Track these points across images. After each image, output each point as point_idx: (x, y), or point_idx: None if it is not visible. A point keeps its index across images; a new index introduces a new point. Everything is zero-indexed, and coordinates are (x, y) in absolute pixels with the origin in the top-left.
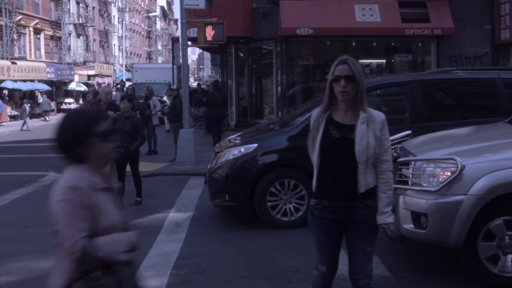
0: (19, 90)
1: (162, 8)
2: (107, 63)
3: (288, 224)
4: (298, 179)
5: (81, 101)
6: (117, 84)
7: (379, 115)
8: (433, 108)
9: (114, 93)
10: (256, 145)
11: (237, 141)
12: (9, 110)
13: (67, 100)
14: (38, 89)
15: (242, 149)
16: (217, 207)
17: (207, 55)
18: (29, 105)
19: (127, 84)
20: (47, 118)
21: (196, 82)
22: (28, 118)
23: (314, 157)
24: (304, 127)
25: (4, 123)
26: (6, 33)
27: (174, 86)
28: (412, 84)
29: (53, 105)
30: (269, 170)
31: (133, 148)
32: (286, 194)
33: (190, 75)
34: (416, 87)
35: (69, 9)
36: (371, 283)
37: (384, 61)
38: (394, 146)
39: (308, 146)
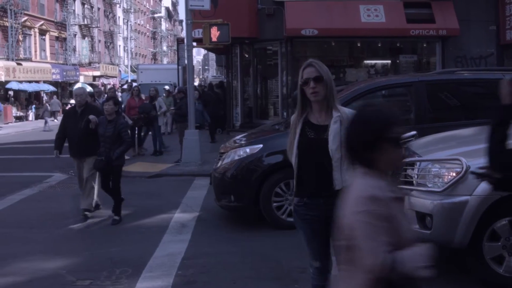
0: (24, 91)
1: (167, 9)
2: (112, 64)
3: (294, 224)
4: None
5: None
6: (123, 85)
7: (352, 113)
8: (438, 108)
9: (120, 94)
10: (261, 145)
11: (243, 142)
12: (14, 111)
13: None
14: (43, 90)
15: (248, 150)
16: (222, 207)
17: (212, 56)
18: (34, 106)
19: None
20: (55, 119)
21: (197, 83)
22: (48, 117)
23: (293, 158)
24: None
25: (10, 124)
26: (11, 34)
27: (167, 87)
28: (417, 85)
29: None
30: (275, 170)
31: (116, 155)
32: (291, 195)
33: (195, 76)
34: (421, 88)
35: (74, 10)
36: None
37: (389, 61)
38: None
39: (287, 149)
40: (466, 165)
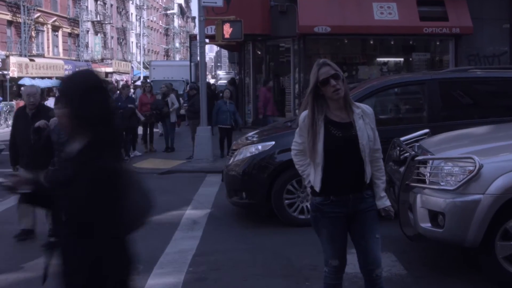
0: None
1: (179, 5)
2: (125, 61)
3: (306, 222)
4: None
5: None
6: (135, 81)
7: (369, 109)
8: (450, 107)
9: (132, 90)
10: (273, 142)
11: (255, 139)
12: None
13: None
14: (56, 86)
15: (260, 147)
16: (234, 204)
17: (224, 52)
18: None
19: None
20: None
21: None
22: None
23: (318, 159)
24: None
25: None
26: (24, 30)
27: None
28: (429, 83)
29: None
30: (287, 168)
31: None
32: (303, 192)
33: (207, 73)
34: (434, 86)
35: (87, 7)
36: (382, 273)
37: (402, 59)
38: (411, 145)
39: (308, 150)
40: (479, 163)
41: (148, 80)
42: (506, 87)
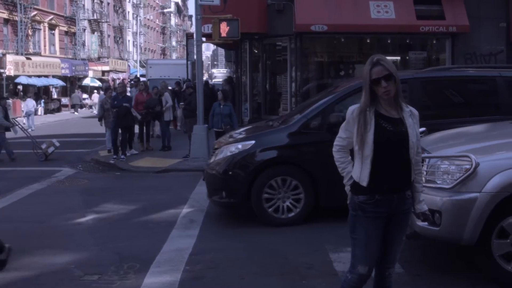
0: (33, 86)
1: (176, 4)
2: (122, 59)
3: (285, 221)
4: (295, 177)
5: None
6: (131, 80)
7: (415, 111)
8: (433, 106)
9: (129, 88)
10: (253, 142)
11: (237, 137)
12: (23, 106)
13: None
14: (52, 85)
15: (240, 146)
16: (214, 204)
17: (221, 51)
18: (43, 100)
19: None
20: (76, 112)
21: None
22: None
23: (368, 151)
24: (303, 124)
25: (18, 118)
26: (21, 28)
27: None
28: (412, 82)
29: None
30: (267, 167)
31: None
32: (281, 193)
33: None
34: (416, 85)
35: (83, 5)
36: (394, 271)
37: (398, 58)
38: None
39: (357, 141)
40: (476, 162)
41: (144, 79)
42: (488, 86)
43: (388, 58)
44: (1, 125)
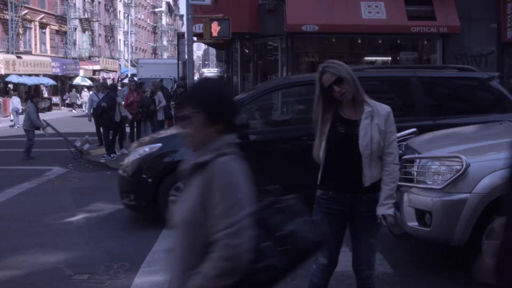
0: (24, 85)
1: (167, 3)
2: (113, 58)
3: None
4: None
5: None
6: (122, 79)
7: (384, 108)
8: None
9: (120, 88)
10: (160, 144)
11: (147, 140)
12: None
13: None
14: (43, 84)
15: (147, 149)
16: (126, 207)
17: (212, 51)
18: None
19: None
20: (74, 110)
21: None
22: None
23: (320, 152)
24: None
25: (9, 117)
26: (11, 27)
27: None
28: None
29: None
30: (173, 170)
31: None
32: None
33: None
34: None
35: (74, 4)
36: (373, 273)
37: (389, 58)
38: (399, 144)
39: (314, 146)
40: (466, 162)
41: (136, 78)
42: (403, 87)
43: (379, 58)
44: (32, 124)
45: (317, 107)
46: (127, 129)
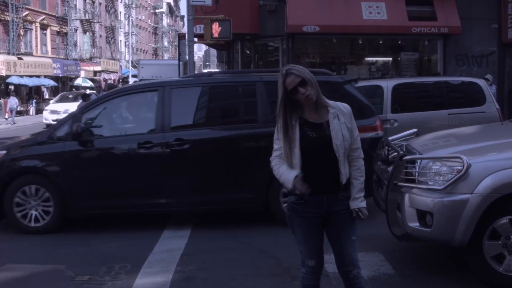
0: (25, 86)
1: (168, 4)
2: (113, 59)
3: (37, 229)
4: (40, 184)
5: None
6: (121, 80)
7: (346, 107)
8: (183, 114)
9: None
10: (5, 152)
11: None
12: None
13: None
14: (44, 85)
15: None
16: None
17: (213, 52)
18: (34, 100)
19: (132, 80)
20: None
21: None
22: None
23: (295, 160)
24: (51, 134)
25: (10, 118)
26: (12, 28)
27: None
28: (162, 90)
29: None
30: (16, 177)
31: None
32: (32, 202)
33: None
34: (167, 93)
35: (75, 5)
36: (360, 272)
37: (390, 59)
38: (400, 144)
39: (285, 153)
40: (467, 163)
41: (136, 79)
42: (248, 92)
43: (380, 59)
44: None
45: (280, 112)
46: None
